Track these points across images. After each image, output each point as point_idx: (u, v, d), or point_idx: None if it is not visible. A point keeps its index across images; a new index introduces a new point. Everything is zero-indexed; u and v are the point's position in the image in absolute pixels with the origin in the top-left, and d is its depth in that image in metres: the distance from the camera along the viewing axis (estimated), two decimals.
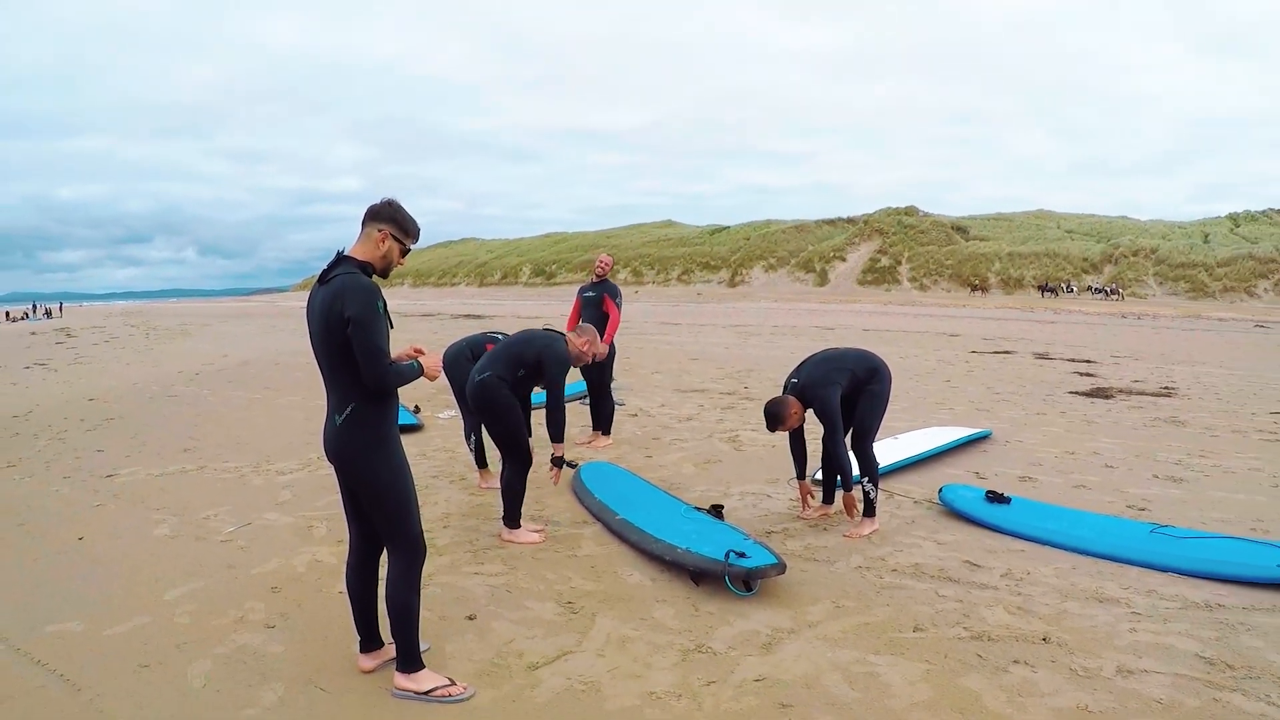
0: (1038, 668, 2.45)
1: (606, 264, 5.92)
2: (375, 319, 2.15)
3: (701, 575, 3.15)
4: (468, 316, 26.36)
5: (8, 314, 49.37)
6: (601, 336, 4.84)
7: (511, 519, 3.85)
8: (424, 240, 2.46)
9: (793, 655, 2.59)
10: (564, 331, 3.89)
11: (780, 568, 3.04)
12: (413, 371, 2.30)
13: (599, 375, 5.64)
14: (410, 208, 2.34)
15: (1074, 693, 2.30)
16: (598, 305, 5.64)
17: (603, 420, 5.80)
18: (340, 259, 2.24)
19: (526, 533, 3.86)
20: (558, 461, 3.85)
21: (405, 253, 2.31)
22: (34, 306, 55.85)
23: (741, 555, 3.05)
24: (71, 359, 14.81)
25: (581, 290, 5.89)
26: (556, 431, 3.67)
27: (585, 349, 3.78)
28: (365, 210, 2.32)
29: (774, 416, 3.67)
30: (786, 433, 3.88)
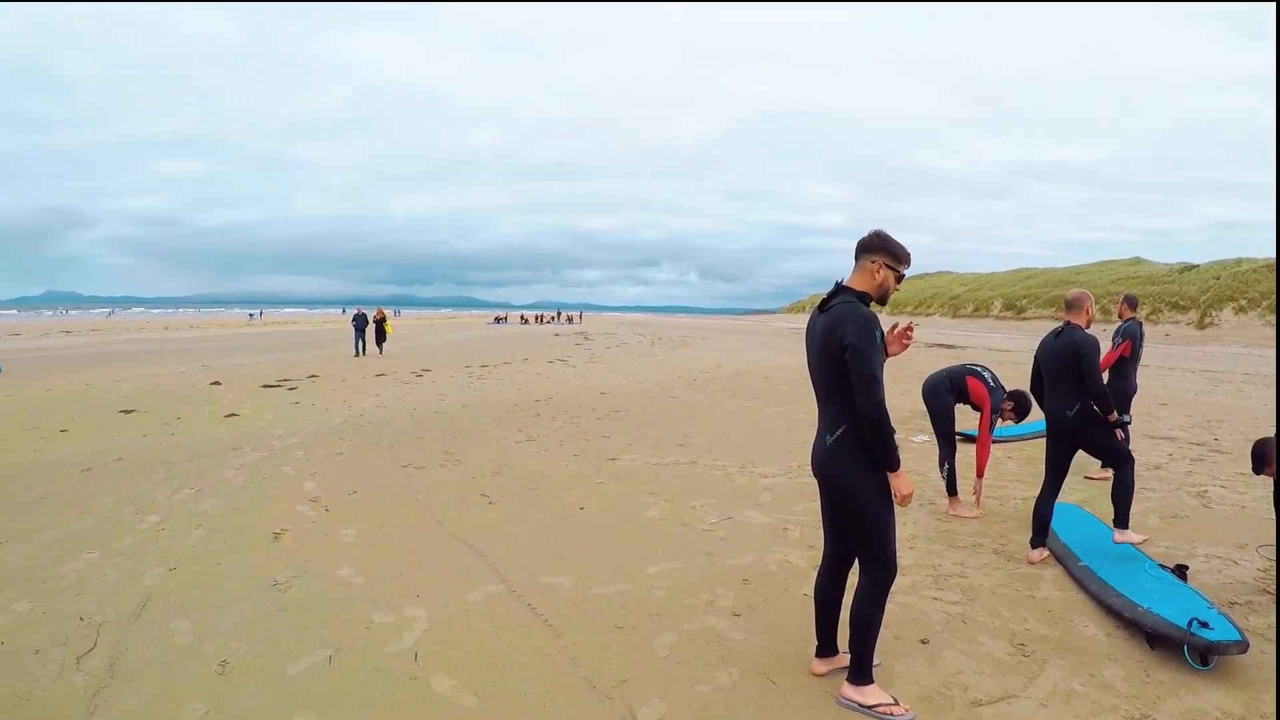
0: None
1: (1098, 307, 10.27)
2: (872, 347, 3.68)
3: (1158, 639, 4.73)
4: (941, 346, 39.74)
5: (539, 317, 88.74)
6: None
7: (1122, 520, 6.50)
8: None
9: None
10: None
11: (1243, 646, 4.45)
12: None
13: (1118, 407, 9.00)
14: None
15: None
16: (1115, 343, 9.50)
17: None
18: (839, 289, 3.91)
19: (1132, 534, 6.50)
20: (1116, 423, 6.33)
21: (900, 279, 3.98)
22: (558, 313, 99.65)
23: (1204, 625, 4.55)
24: (587, 358, 27.96)
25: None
26: (1107, 404, 6.22)
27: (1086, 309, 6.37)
28: (856, 244, 4.01)
29: (1260, 457, 5.45)
30: (1272, 484, 5.75)
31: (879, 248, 3.93)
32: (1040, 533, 6.34)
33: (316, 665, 4.44)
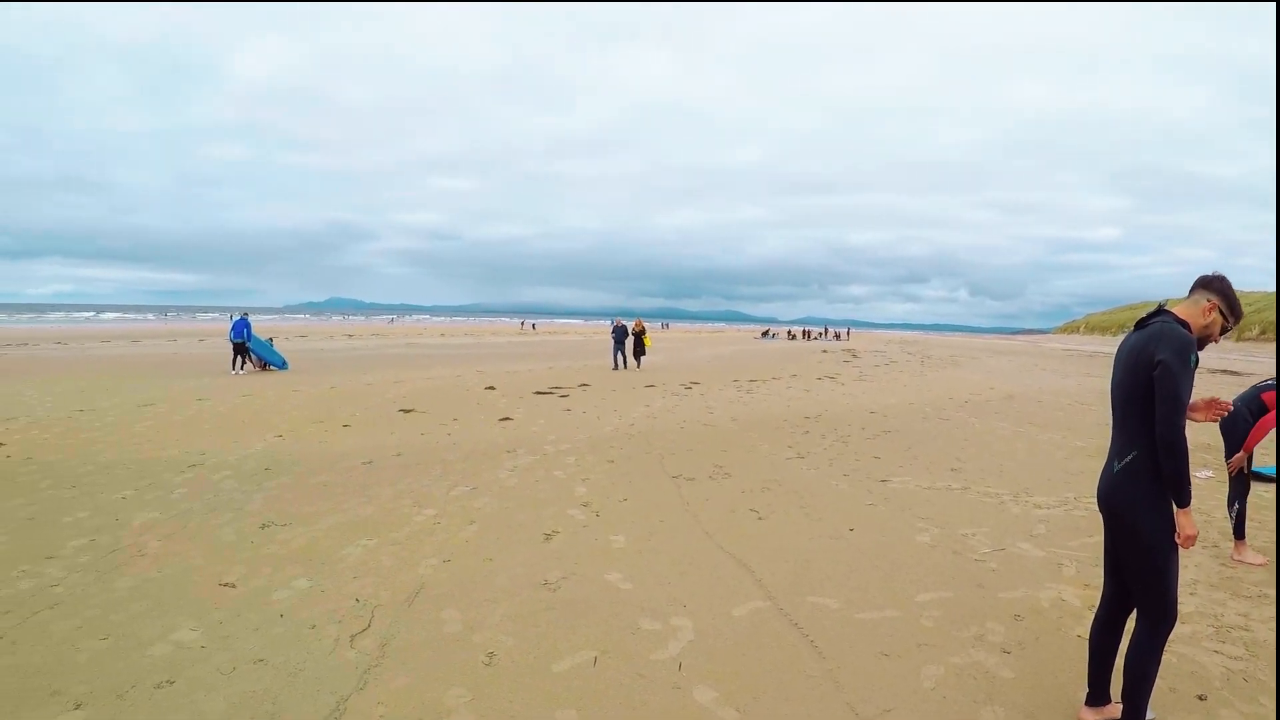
0: None
1: None
2: (1184, 370, 3.61)
3: None
4: (1224, 372, 38.76)
5: (806, 333, 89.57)
6: None
7: None
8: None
9: None
10: None
11: None
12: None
13: None
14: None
15: None
16: None
17: None
18: (1160, 310, 3.88)
19: None
20: None
21: (1224, 331, 3.99)
22: (825, 329, 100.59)
23: None
24: (856, 376, 28.32)
25: None
26: None
27: None
28: (1197, 278, 4.03)
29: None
30: None
31: (1220, 290, 3.93)
32: None
33: (581, 665, 4.65)
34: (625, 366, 29.61)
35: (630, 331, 30.83)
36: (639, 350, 31.15)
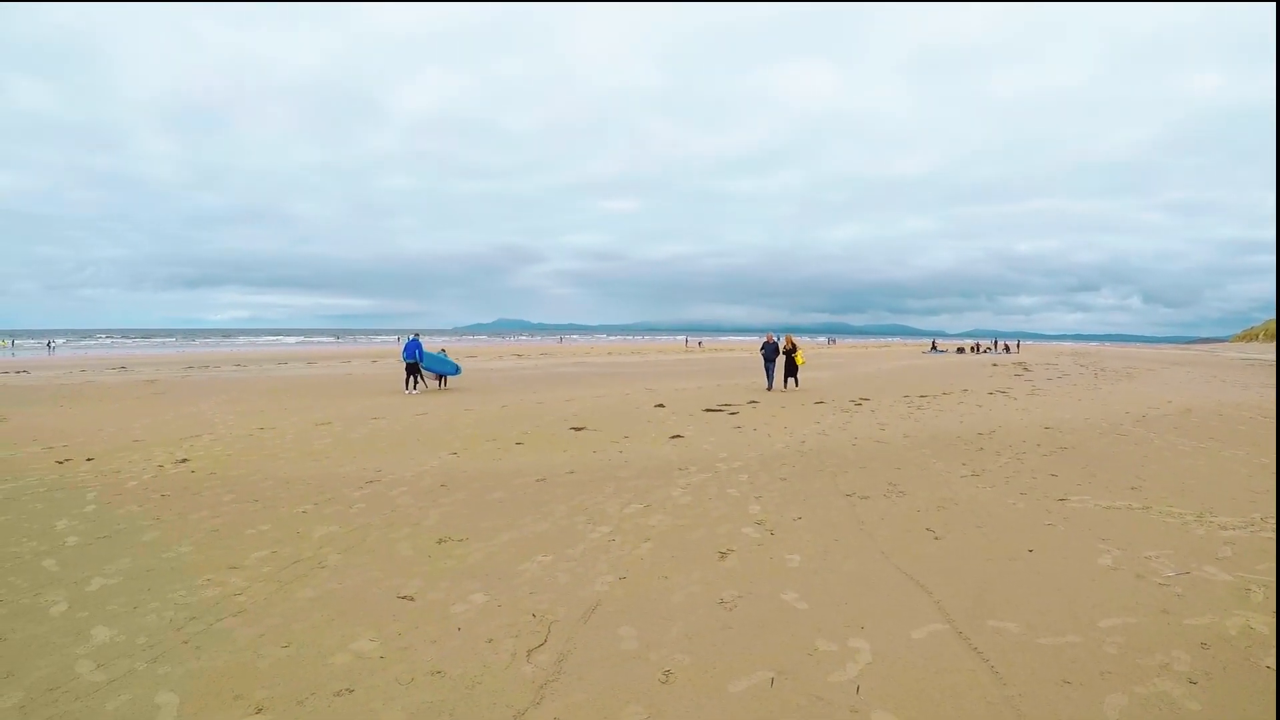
0: None
1: None
2: None
3: None
4: None
5: (975, 346, 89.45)
6: None
7: None
8: None
9: None
10: None
11: None
12: None
13: None
14: None
15: None
16: None
17: None
18: None
19: None
20: None
21: None
22: (995, 342, 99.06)
23: None
24: (1028, 390, 27.48)
25: None
26: None
27: None
28: None
29: None
30: None
31: None
32: None
33: (758, 686, 4.65)
34: (772, 387, 27.03)
35: (780, 349, 28.35)
36: (790, 369, 27.70)
